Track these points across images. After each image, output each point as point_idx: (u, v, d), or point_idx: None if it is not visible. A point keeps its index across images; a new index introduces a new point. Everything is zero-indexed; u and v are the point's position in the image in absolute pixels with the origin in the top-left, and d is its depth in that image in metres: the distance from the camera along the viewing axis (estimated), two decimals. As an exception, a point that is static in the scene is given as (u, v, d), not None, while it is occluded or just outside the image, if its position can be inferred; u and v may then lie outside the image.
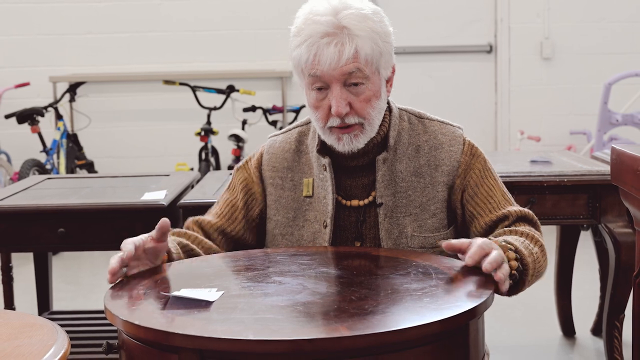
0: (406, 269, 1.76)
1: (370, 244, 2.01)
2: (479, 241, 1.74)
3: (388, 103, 2.05)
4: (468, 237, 2.00)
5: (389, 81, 2.01)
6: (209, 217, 2.11)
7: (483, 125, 6.58)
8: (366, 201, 2.02)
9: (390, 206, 1.99)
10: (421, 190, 2.00)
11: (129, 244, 1.78)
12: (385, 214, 1.99)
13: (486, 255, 1.70)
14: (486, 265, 1.67)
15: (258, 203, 2.10)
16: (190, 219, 2.11)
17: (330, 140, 1.97)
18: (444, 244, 1.77)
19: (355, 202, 2.02)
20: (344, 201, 2.03)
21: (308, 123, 2.11)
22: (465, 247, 1.75)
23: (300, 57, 1.91)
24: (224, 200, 2.12)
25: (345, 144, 1.95)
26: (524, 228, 1.96)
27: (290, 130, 2.14)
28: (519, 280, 1.82)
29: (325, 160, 2.01)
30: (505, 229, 1.96)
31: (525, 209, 2.02)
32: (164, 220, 1.81)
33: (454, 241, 1.78)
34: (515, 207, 2.01)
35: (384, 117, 2.01)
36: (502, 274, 1.68)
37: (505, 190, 2.06)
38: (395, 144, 2.02)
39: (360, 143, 1.96)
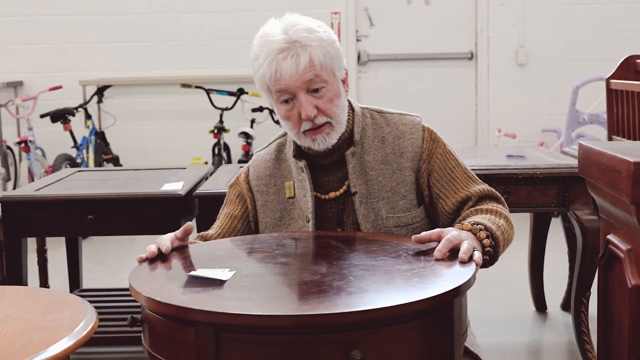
0: (397, 251, 1.75)
1: (350, 229, 2.00)
2: (447, 234, 1.71)
3: (350, 103, 2.04)
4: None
5: (344, 82, 2.00)
6: (212, 231, 2.09)
7: (464, 123, 6.57)
8: (341, 191, 2.01)
9: (364, 193, 1.98)
10: (390, 176, 1.99)
11: (166, 241, 1.80)
12: (361, 201, 1.98)
13: (454, 247, 1.69)
14: (462, 255, 1.65)
15: (251, 211, 2.09)
16: (195, 235, 2.09)
17: (305, 143, 1.97)
18: (413, 238, 1.75)
19: (332, 195, 2.02)
20: (322, 196, 2.02)
21: (284, 135, 2.11)
22: (434, 237, 1.73)
23: (264, 76, 1.91)
24: (224, 214, 2.11)
25: (320, 143, 1.95)
26: (488, 205, 1.94)
27: (270, 144, 2.15)
28: (494, 253, 1.82)
29: (302, 163, 2.01)
30: (471, 209, 1.94)
31: (487, 187, 1.99)
32: (189, 224, 1.84)
33: (422, 235, 1.74)
34: (477, 187, 1.98)
35: (348, 116, 2.01)
36: (478, 258, 1.66)
37: (467, 169, 2.03)
38: (361, 139, 2.01)
39: (333, 139, 1.96)
